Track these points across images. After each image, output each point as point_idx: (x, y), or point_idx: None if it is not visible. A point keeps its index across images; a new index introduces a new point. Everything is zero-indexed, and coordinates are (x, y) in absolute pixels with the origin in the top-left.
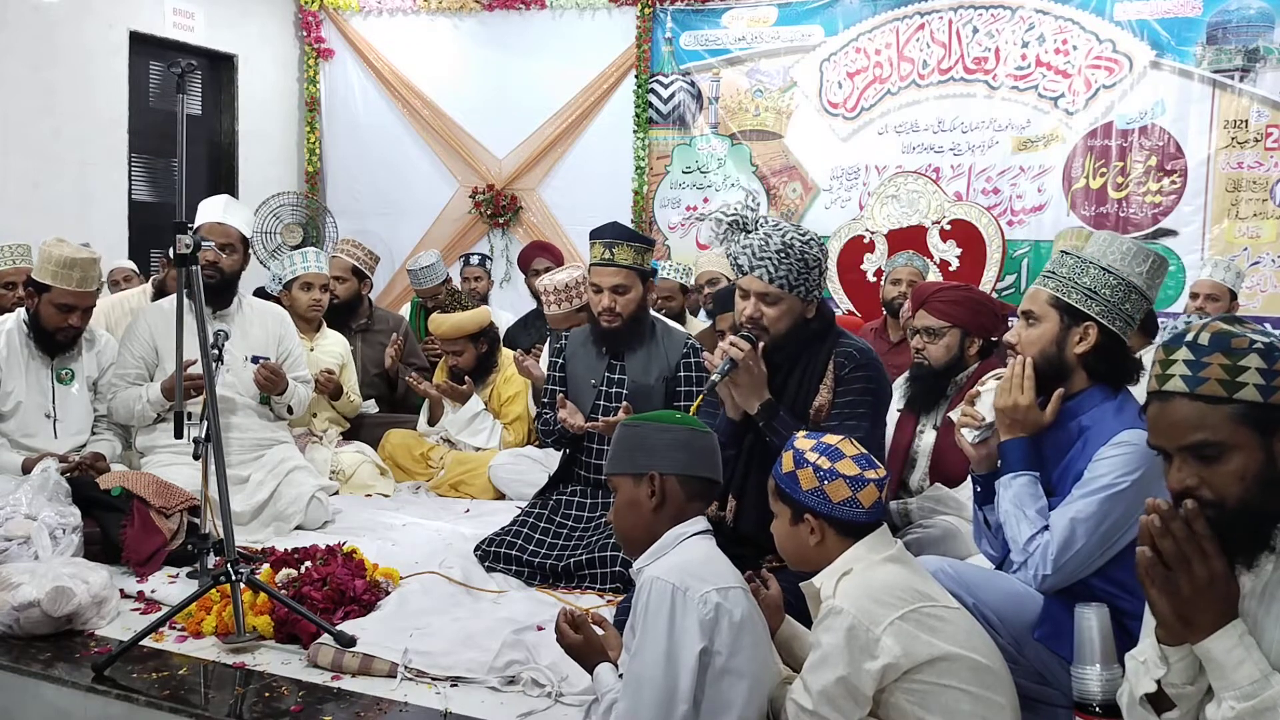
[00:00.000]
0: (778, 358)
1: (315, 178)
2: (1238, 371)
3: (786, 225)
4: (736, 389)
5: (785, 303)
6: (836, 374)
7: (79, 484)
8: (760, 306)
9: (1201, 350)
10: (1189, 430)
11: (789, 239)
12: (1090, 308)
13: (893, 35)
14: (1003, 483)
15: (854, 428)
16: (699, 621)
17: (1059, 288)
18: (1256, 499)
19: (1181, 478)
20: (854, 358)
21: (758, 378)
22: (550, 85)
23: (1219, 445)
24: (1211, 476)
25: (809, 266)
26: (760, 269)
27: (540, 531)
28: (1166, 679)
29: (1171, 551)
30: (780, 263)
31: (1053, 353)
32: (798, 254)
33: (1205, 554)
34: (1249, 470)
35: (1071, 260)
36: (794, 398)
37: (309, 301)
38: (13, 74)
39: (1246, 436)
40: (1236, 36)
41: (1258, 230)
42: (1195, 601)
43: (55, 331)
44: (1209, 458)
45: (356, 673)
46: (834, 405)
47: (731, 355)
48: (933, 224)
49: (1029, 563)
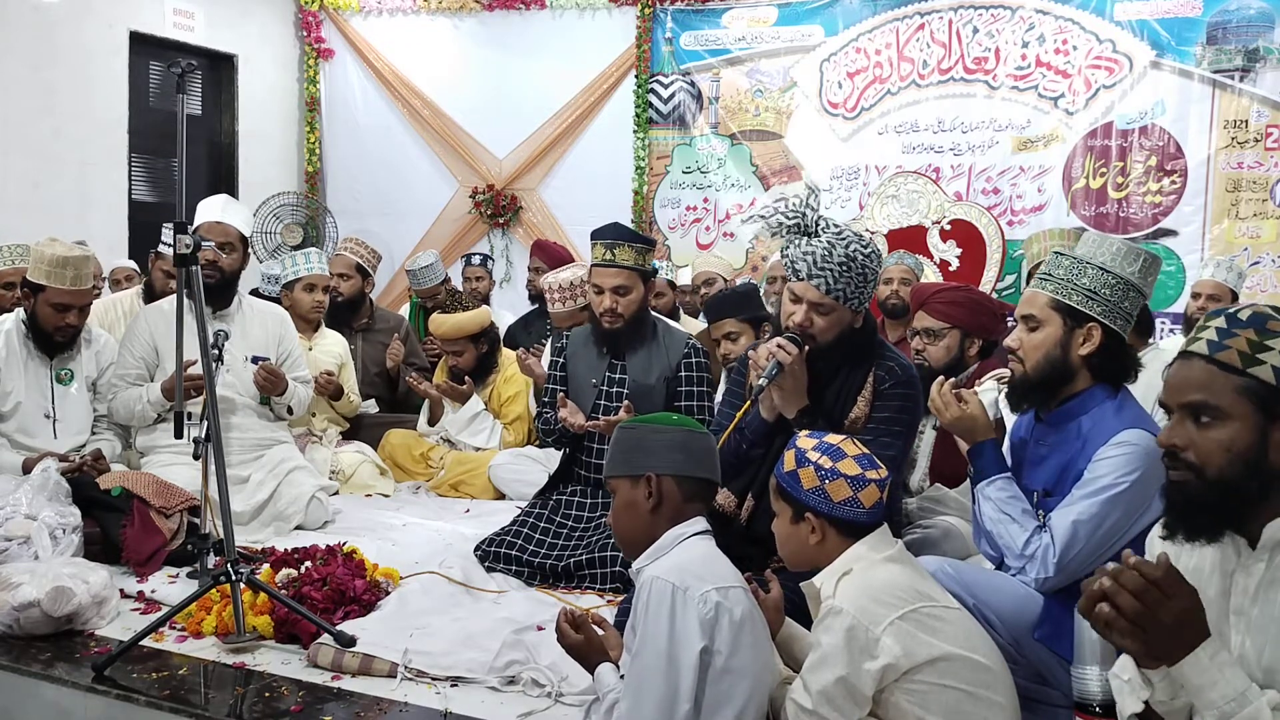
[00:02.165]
0: (819, 365)
1: (315, 178)
2: (1261, 349)
3: (849, 235)
4: (779, 392)
5: (837, 313)
6: (876, 388)
7: (79, 484)
8: (812, 315)
9: (1236, 323)
10: (1194, 389)
11: (852, 250)
12: (1092, 308)
13: (893, 35)
14: (980, 491)
15: (887, 444)
16: (699, 620)
17: (1059, 290)
18: (1234, 475)
19: (1171, 435)
20: (895, 374)
21: (801, 382)
22: (550, 85)
23: (1216, 410)
24: (1201, 441)
25: (866, 280)
26: (820, 279)
27: (540, 531)
28: (1154, 698)
29: (1132, 606)
30: (841, 274)
31: (1057, 356)
32: (859, 267)
33: (1166, 595)
34: (1237, 444)
35: (1068, 261)
36: (831, 407)
37: (311, 303)
38: (13, 74)
39: (1246, 411)
40: (1236, 36)
41: (1258, 230)
42: (1163, 639)
43: (53, 331)
44: (1204, 422)
45: (356, 673)
46: (870, 419)
47: (779, 359)
48: (933, 224)
49: (1028, 567)
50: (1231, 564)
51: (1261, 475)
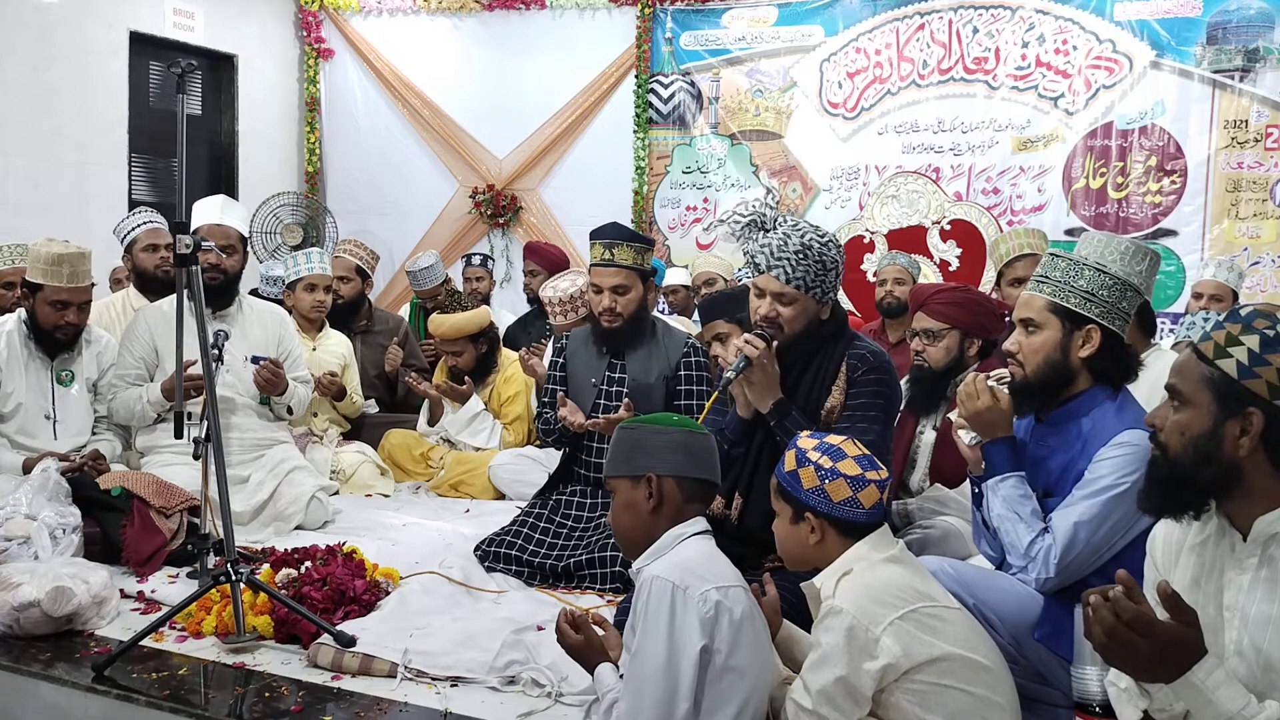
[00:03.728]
0: (790, 357)
1: (315, 178)
2: (1233, 343)
3: (806, 225)
4: (750, 387)
5: (801, 303)
6: (849, 376)
7: (79, 484)
8: (776, 306)
9: (1232, 318)
10: (1173, 373)
11: (808, 239)
12: (1090, 310)
13: (893, 35)
14: (990, 487)
15: (864, 430)
16: (699, 619)
17: (1056, 293)
18: (1186, 461)
19: (1153, 415)
20: (867, 360)
21: (771, 376)
22: (550, 85)
23: (1180, 395)
24: (1169, 424)
25: (826, 268)
26: (778, 268)
27: (540, 531)
28: (1152, 706)
29: (1123, 635)
30: (798, 263)
31: (1057, 359)
32: (816, 255)
33: (1139, 634)
34: (1191, 430)
35: (1064, 263)
36: (806, 398)
37: (312, 303)
38: (13, 74)
39: (1204, 400)
40: (1236, 36)
41: (1258, 230)
42: (1155, 664)
43: (54, 330)
44: (1175, 405)
45: (356, 673)
46: (845, 407)
47: (746, 353)
48: (933, 224)
49: (1030, 567)
50: (1226, 559)
51: (1214, 465)
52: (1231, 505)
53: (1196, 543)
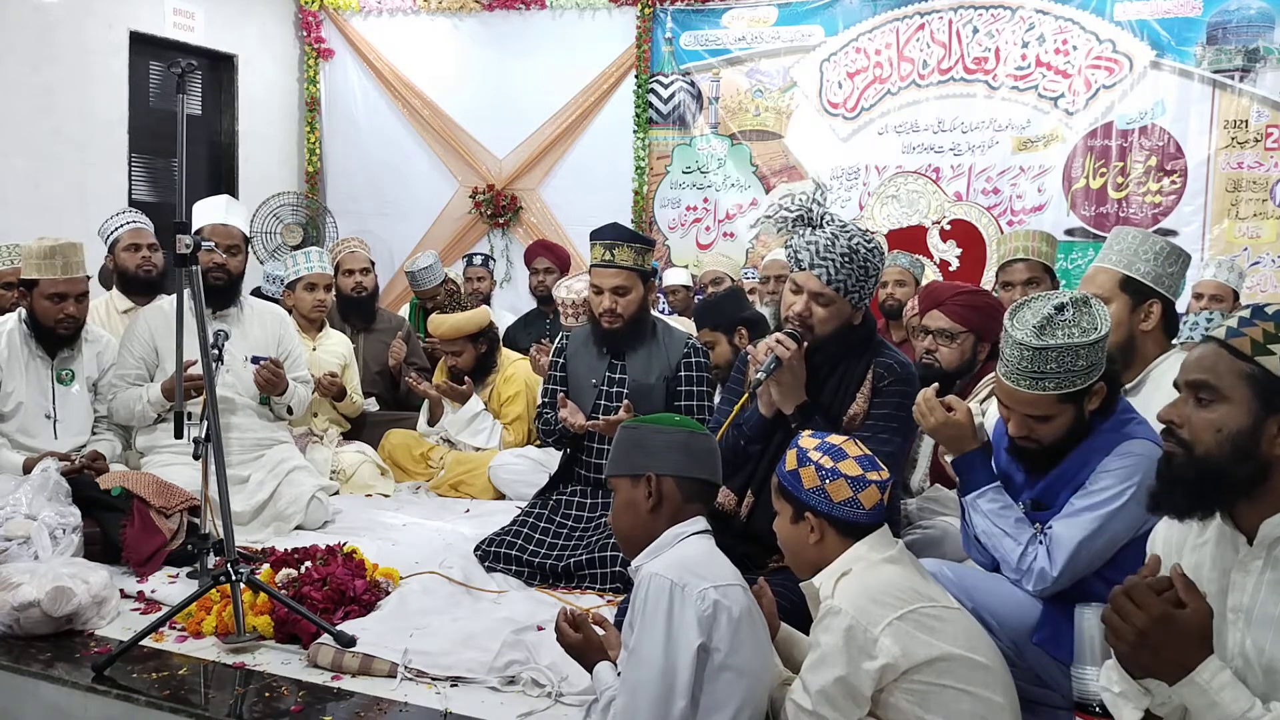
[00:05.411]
0: (817, 360)
1: (315, 178)
2: (1275, 340)
3: (853, 228)
4: (777, 387)
5: (837, 305)
6: (874, 385)
7: (79, 484)
8: (812, 305)
9: (1260, 315)
10: (1200, 369)
11: (855, 243)
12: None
13: (893, 35)
14: (969, 503)
15: (885, 441)
16: (697, 617)
17: (1059, 385)
18: (1222, 457)
19: (1170, 412)
20: (894, 370)
21: (799, 378)
22: (550, 85)
23: (1215, 391)
24: (1196, 420)
25: (868, 274)
26: (821, 268)
27: (540, 531)
28: (1154, 704)
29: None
30: (843, 265)
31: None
32: (861, 260)
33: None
34: (1229, 427)
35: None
36: (829, 403)
37: (313, 302)
38: (13, 74)
39: (1244, 397)
40: (1236, 36)
41: (1258, 230)
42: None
43: (55, 324)
44: (1203, 401)
45: (356, 673)
46: (868, 416)
47: (778, 354)
48: (933, 224)
49: (1024, 579)
50: (1230, 561)
51: (1250, 463)
52: (1240, 506)
53: (1198, 544)
